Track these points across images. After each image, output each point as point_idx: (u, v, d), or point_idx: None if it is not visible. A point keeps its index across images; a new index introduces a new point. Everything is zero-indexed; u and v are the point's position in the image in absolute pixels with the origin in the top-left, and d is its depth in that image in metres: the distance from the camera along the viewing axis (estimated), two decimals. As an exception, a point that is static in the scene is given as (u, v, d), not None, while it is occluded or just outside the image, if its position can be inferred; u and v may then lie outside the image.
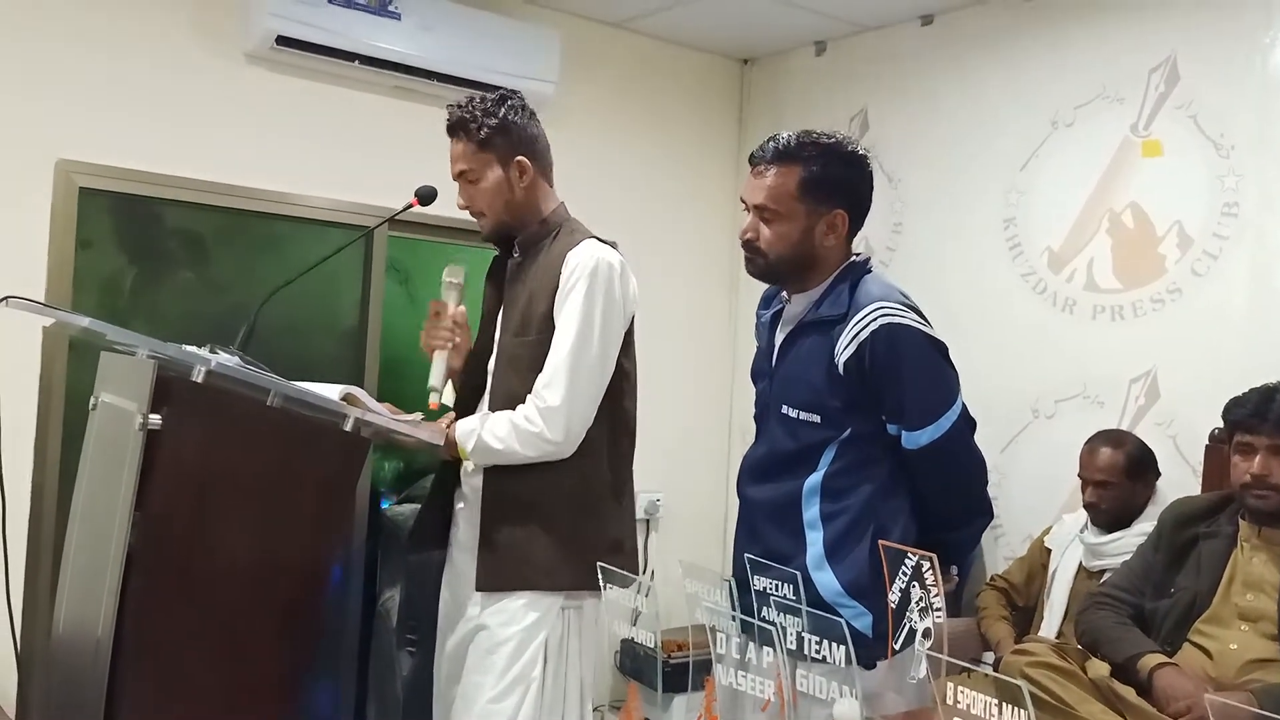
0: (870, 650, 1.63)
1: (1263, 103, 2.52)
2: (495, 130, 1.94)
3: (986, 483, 1.91)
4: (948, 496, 1.82)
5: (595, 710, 2.33)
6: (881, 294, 1.79)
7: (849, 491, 1.78)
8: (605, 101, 3.49)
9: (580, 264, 1.88)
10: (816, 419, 1.80)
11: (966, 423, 1.83)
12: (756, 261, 1.87)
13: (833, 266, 1.85)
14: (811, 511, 1.79)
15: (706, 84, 3.75)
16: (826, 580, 1.74)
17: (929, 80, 3.24)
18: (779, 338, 1.91)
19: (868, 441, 1.79)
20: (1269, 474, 1.92)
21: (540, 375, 1.87)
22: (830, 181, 1.82)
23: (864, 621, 1.72)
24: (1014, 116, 3.01)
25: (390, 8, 2.86)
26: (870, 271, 1.86)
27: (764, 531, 1.86)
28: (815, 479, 1.79)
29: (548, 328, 1.89)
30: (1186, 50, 2.66)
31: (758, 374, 1.99)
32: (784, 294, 1.94)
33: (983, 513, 1.93)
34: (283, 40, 2.73)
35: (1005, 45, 3.05)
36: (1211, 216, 2.59)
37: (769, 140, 1.89)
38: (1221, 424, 2.11)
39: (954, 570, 1.95)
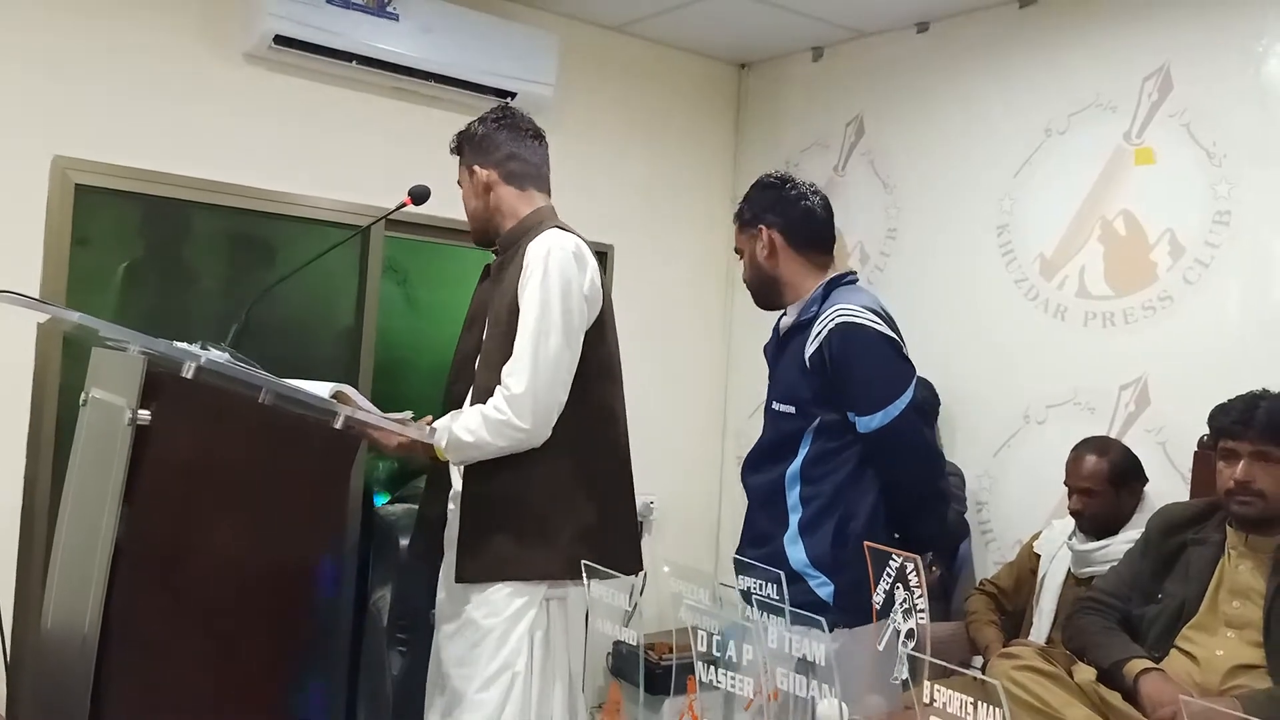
0: (831, 617, 1.78)
1: (1255, 111, 2.53)
2: (463, 140, 2.10)
3: (938, 469, 2.10)
4: (901, 479, 1.99)
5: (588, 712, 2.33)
6: (845, 299, 2.00)
7: (823, 478, 1.98)
8: (603, 105, 3.50)
9: (535, 253, 1.93)
10: (792, 410, 2.03)
11: (917, 412, 2.01)
12: (753, 296, 2.18)
13: (803, 279, 2.08)
14: (793, 495, 2.00)
15: (704, 88, 3.77)
16: (796, 553, 1.95)
17: (924, 87, 3.25)
18: (777, 347, 2.16)
19: (835, 431, 1.98)
20: (1252, 480, 1.93)
21: (506, 365, 1.90)
22: (752, 208, 2.12)
23: (826, 590, 1.93)
24: (1008, 123, 3.02)
25: (389, 9, 2.87)
26: (850, 284, 2.08)
27: (755, 515, 2.08)
28: (795, 467, 2.01)
29: (515, 320, 1.93)
30: (1180, 59, 2.67)
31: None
32: None
33: (937, 498, 2.08)
34: (281, 40, 2.73)
35: (1000, 53, 3.07)
36: (1203, 224, 2.60)
37: None
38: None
39: (961, 553, 2.15)
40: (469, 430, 1.89)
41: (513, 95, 3.09)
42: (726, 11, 3.29)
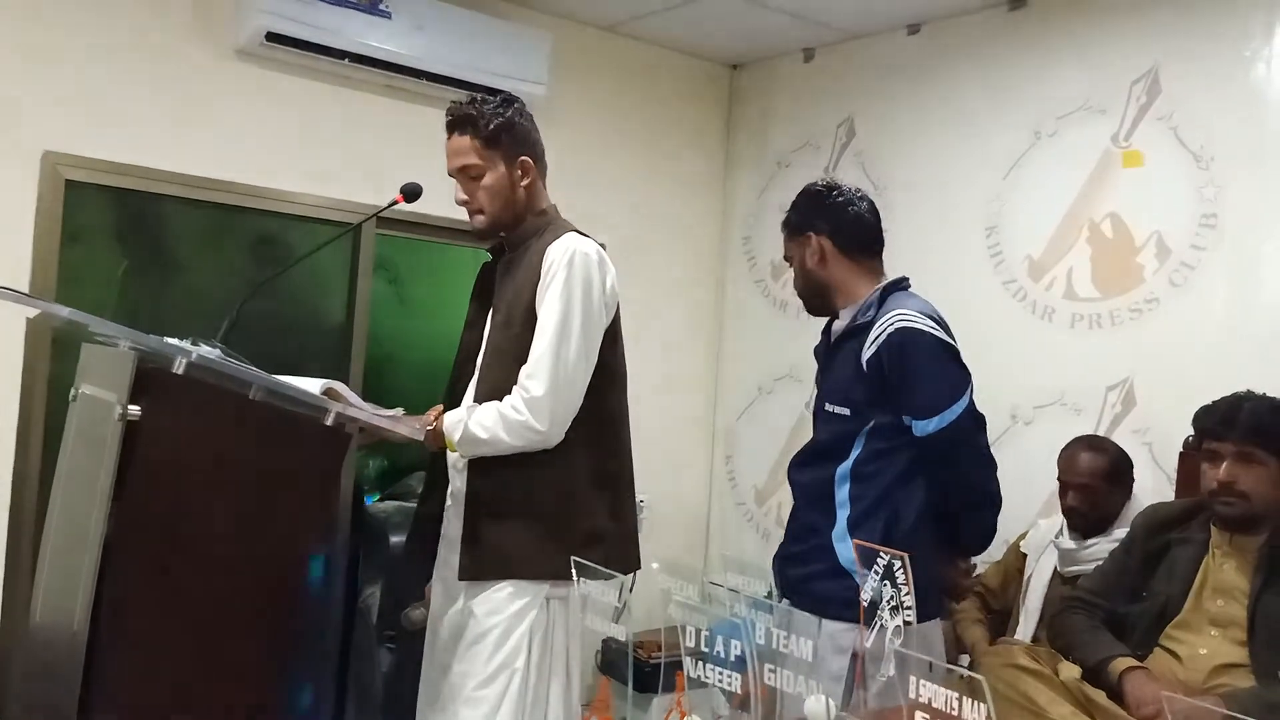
0: None
1: (1242, 115, 2.56)
2: (503, 128, 1.99)
3: (989, 476, 2.09)
4: (954, 482, 2.03)
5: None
6: (903, 304, 2.03)
7: (873, 477, 2.02)
8: (595, 104, 3.51)
9: (558, 256, 1.93)
10: (847, 412, 2.06)
11: (972, 419, 2.05)
12: (804, 303, 2.21)
13: (854, 284, 2.11)
14: (843, 493, 2.04)
15: (695, 89, 3.78)
16: (845, 551, 1.99)
17: (914, 89, 3.27)
18: (827, 350, 2.19)
19: (888, 433, 2.02)
20: (1235, 481, 1.95)
21: (524, 366, 1.91)
22: (799, 215, 2.16)
23: None
24: (997, 126, 3.04)
25: (381, 6, 2.87)
26: (905, 290, 2.12)
27: (801, 509, 2.14)
28: (846, 466, 2.04)
29: (530, 319, 1.94)
30: (1168, 62, 2.69)
31: (817, 384, 2.27)
32: None
33: (985, 503, 2.09)
34: (273, 37, 2.73)
35: (990, 55, 3.08)
36: (1190, 227, 2.62)
37: None
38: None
39: (973, 561, 2.19)
40: (484, 427, 1.89)
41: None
42: (718, 12, 3.30)
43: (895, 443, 2.00)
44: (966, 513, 2.06)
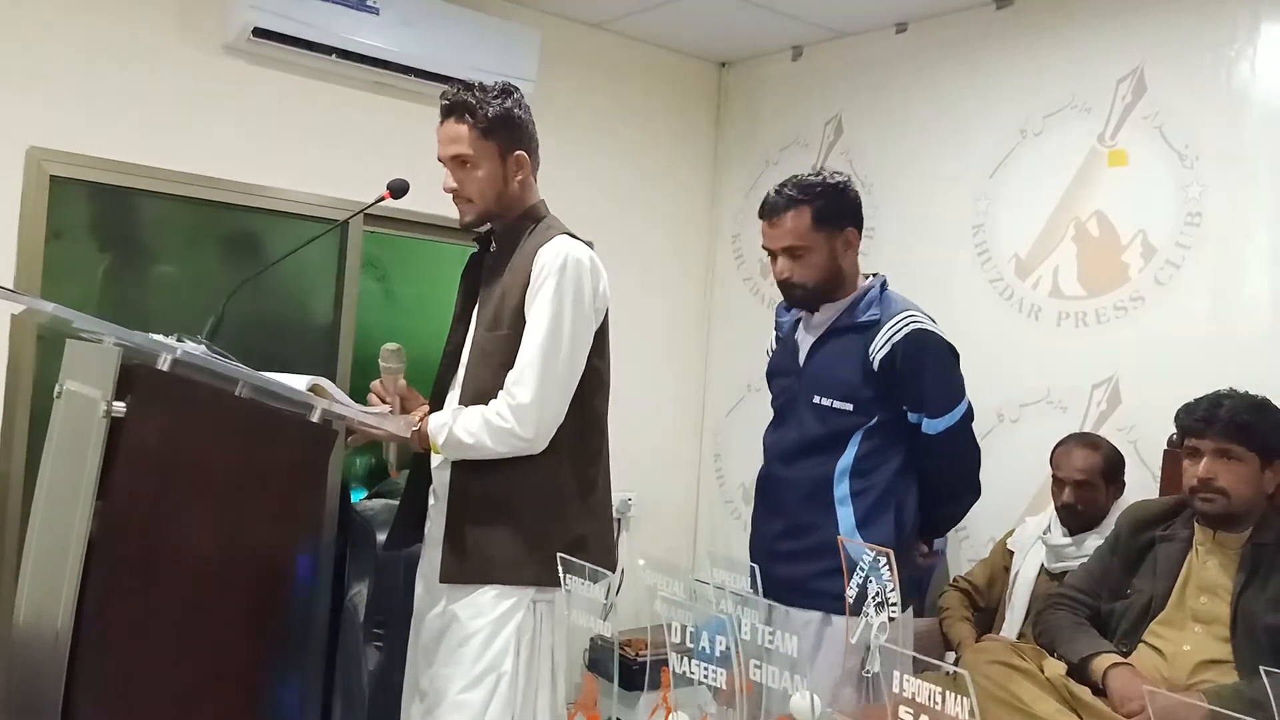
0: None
1: (1227, 114, 2.57)
2: (500, 120, 1.94)
3: (979, 465, 2.21)
4: (952, 474, 2.15)
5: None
6: (907, 306, 2.13)
7: (874, 471, 2.08)
8: (583, 101, 3.50)
9: (550, 260, 1.90)
10: (849, 407, 2.09)
11: (971, 415, 2.17)
12: (795, 294, 2.17)
13: (856, 276, 2.16)
14: (841, 489, 2.08)
15: (684, 86, 3.78)
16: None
17: (902, 87, 3.28)
18: (806, 340, 2.19)
19: (889, 429, 2.09)
20: (1214, 477, 1.96)
21: (511, 372, 1.89)
22: (833, 210, 2.13)
23: None
24: (984, 124, 3.05)
25: (369, 2, 2.86)
26: (887, 288, 2.20)
27: (792, 506, 2.14)
28: (846, 461, 2.08)
29: (518, 323, 1.91)
30: (1154, 61, 2.71)
31: (778, 371, 2.27)
32: None
33: (975, 490, 2.22)
34: (260, 32, 2.72)
35: (977, 54, 3.09)
36: (1175, 226, 2.64)
37: (773, 195, 2.16)
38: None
39: (937, 545, 2.29)
40: (469, 432, 1.87)
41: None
42: (707, 10, 3.30)
43: (892, 438, 2.08)
44: (953, 500, 2.17)
